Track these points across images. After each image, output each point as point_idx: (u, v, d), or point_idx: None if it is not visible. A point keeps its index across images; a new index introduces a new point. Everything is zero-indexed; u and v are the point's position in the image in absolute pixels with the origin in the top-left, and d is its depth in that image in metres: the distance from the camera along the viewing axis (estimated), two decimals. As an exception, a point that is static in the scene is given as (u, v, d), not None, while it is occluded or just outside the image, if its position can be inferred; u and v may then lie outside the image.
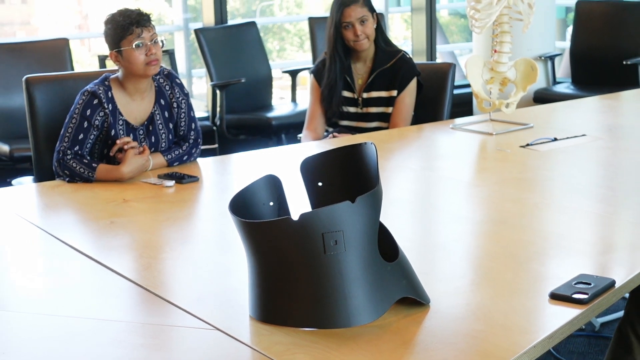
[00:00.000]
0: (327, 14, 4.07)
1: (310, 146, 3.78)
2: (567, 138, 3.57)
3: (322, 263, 1.84)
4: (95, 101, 3.23)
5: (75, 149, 3.20)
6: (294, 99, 6.37)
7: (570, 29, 6.86)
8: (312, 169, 2.11)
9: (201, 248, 2.61)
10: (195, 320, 1.97)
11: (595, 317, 3.51)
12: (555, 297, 2.01)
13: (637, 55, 6.25)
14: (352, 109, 4.08)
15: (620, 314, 2.63)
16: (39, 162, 3.49)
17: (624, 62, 6.19)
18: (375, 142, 2.19)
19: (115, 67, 3.33)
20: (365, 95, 4.05)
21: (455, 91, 4.29)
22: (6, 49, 5.69)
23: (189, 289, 2.21)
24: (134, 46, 3.18)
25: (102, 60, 5.84)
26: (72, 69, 5.58)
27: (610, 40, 6.47)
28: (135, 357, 1.87)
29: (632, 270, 2.19)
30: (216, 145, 5.85)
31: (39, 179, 3.44)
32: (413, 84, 4.01)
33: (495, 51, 3.80)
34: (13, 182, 4.26)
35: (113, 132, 3.24)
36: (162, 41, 3.27)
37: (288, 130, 5.77)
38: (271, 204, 2.06)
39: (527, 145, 3.49)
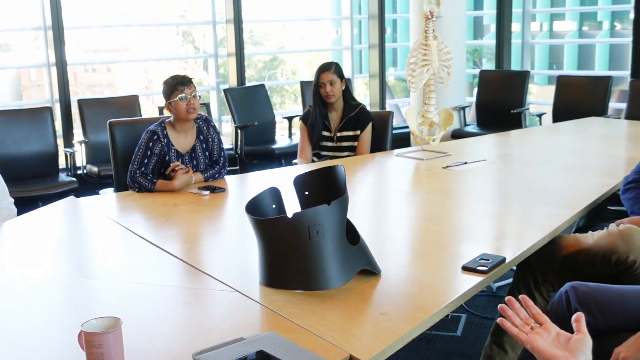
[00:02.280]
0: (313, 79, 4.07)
1: (301, 168, 3.78)
2: (474, 162, 3.58)
3: (308, 246, 1.84)
4: (155, 137, 3.23)
5: (142, 169, 3.20)
6: (290, 136, 6.38)
7: (475, 89, 6.88)
8: (302, 183, 2.12)
9: (227, 236, 2.61)
10: (222, 285, 1.97)
11: (493, 282, 3.52)
12: (465, 269, 2.01)
13: (520, 106, 6.30)
14: (329, 144, 4.09)
15: (510, 280, 2.64)
16: (117, 179, 3.48)
17: (512, 111, 6.24)
18: (345, 165, 2.19)
19: (169, 114, 3.33)
20: (338, 134, 4.06)
21: (398, 131, 4.31)
22: (96, 102, 5.69)
23: (218, 264, 2.21)
24: (178, 98, 3.20)
25: (160, 109, 5.84)
26: (140, 116, 5.57)
27: (502, 96, 6.51)
28: (181, 311, 1.87)
29: (517, 251, 2.20)
30: (238, 167, 5.84)
31: (117, 189, 3.43)
32: (370, 126, 4.02)
33: (425, 104, 3.82)
34: (100, 192, 4.26)
35: (168, 157, 3.24)
36: (199, 96, 3.27)
37: (286, 157, 5.78)
38: (274, 206, 2.07)
39: (447, 166, 3.50)
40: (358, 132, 4.02)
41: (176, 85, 3.22)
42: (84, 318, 1.51)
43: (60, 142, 5.48)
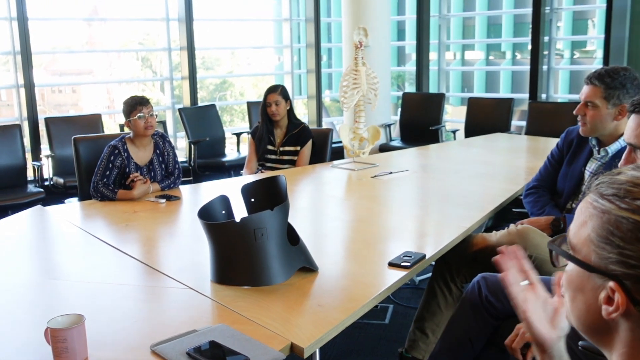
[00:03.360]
0: (259, 99, 4.06)
1: (247, 178, 3.76)
2: (398, 172, 3.62)
3: (254, 247, 1.83)
4: (116, 151, 3.17)
5: (104, 180, 3.13)
6: (238, 150, 6.33)
7: (399, 109, 6.97)
8: (248, 191, 2.11)
9: (181, 239, 2.57)
10: (177, 283, 1.94)
11: (415, 276, 3.56)
12: (391, 264, 2.03)
13: (438, 124, 6.38)
14: (273, 156, 4.07)
15: (430, 274, 2.67)
16: (81, 189, 3.41)
17: (430, 128, 6.32)
18: (288, 175, 2.19)
19: (129, 131, 3.27)
20: (281, 148, 4.05)
21: (334, 145, 4.32)
22: (62, 120, 5.52)
23: (174, 264, 2.16)
24: (137, 117, 3.14)
25: (121, 126, 5.72)
26: (103, 132, 5.44)
27: (422, 115, 6.57)
28: (140, 307, 1.83)
29: (436, 248, 2.23)
30: (191, 178, 5.75)
31: (81, 199, 3.35)
32: (310, 143, 4.03)
33: (356, 121, 3.85)
34: (65, 201, 4.13)
35: (128, 169, 3.18)
36: (156, 115, 3.23)
37: (235, 168, 5.74)
38: (223, 212, 2.05)
39: (375, 176, 3.53)
40: (298, 148, 4.02)
41: (135, 105, 3.17)
42: (50, 315, 1.47)
43: (28, 156, 5.34)
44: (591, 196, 0.83)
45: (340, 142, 4.93)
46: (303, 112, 7.72)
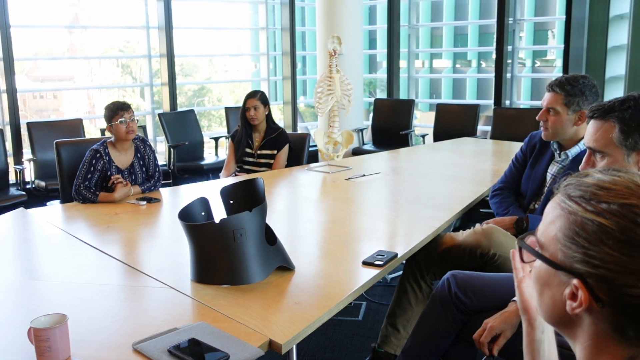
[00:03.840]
0: (237, 105, 4.06)
1: (226, 180, 3.74)
2: (371, 174, 3.64)
3: (233, 247, 1.82)
4: (98, 155, 3.14)
5: (85, 183, 3.09)
6: (216, 154, 6.29)
7: (371, 114, 7.00)
8: (227, 193, 2.09)
9: (162, 240, 2.54)
10: (157, 283, 1.92)
11: (387, 274, 3.57)
12: (365, 263, 2.03)
13: (408, 128, 6.42)
14: (251, 159, 4.07)
15: (401, 272, 2.68)
16: (63, 192, 3.36)
17: (401, 133, 6.36)
18: (265, 177, 2.18)
19: (110, 135, 3.23)
20: (259, 152, 4.04)
21: (310, 149, 4.32)
22: (44, 125, 5.43)
23: (154, 264, 2.14)
24: (119, 122, 3.11)
25: (102, 131, 5.64)
26: (84, 137, 5.37)
27: (393, 120, 6.60)
28: (121, 306, 1.80)
29: (407, 247, 2.24)
30: (171, 181, 5.71)
31: (63, 201, 3.30)
32: (286, 147, 4.03)
33: (330, 126, 3.85)
34: (47, 203, 4.05)
35: (109, 172, 3.14)
36: (137, 119, 3.20)
37: (213, 171, 5.70)
38: (203, 213, 2.03)
39: (349, 178, 3.53)
40: (275, 152, 4.02)
41: (117, 110, 3.14)
42: (33, 316, 1.45)
43: (10, 160, 5.24)
44: (559, 197, 0.84)
45: (312, 146, 4.94)
46: (279, 117, 7.70)
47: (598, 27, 5.05)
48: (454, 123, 6.13)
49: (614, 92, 5.02)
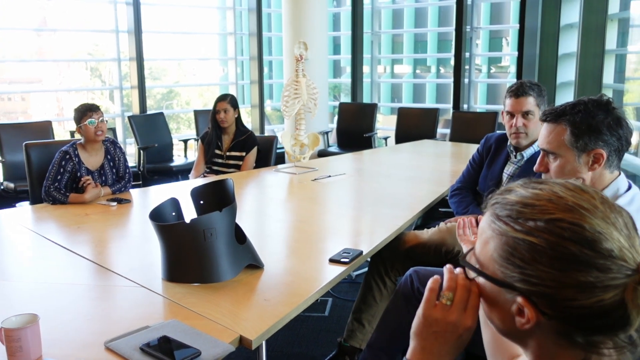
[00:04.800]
0: (205, 108, 4.03)
1: (195, 181, 3.70)
2: (336, 175, 3.65)
3: (203, 246, 1.81)
4: (68, 156, 3.07)
5: (55, 184, 3.02)
6: (185, 155, 6.22)
7: (336, 117, 7.01)
8: (197, 194, 2.07)
9: (132, 240, 2.50)
10: (129, 282, 1.89)
11: (353, 271, 3.58)
12: (332, 260, 2.04)
13: (371, 131, 6.45)
14: (220, 160, 4.04)
15: (366, 269, 2.70)
16: (32, 193, 3.28)
17: (364, 135, 6.39)
18: (235, 178, 2.17)
19: (80, 137, 3.17)
20: (228, 153, 4.02)
21: (278, 151, 4.32)
22: (13, 126, 5.29)
23: (125, 263, 2.11)
24: (88, 123, 3.05)
25: (72, 133, 5.53)
26: (53, 138, 5.25)
27: (356, 123, 6.63)
28: (93, 305, 1.77)
29: (372, 245, 2.26)
30: (141, 182, 5.62)
31: (33, 202, 3.21)
32: (255, 149, 4.01)
33: (297, 129, 3.85)
34: (16, 205, 3.95)
35: (79, 173, 3.08)
36: (106, 121, 3.14)
37: (182, 173, 5.65)
38: (173, 214, 2.01)
39: (315, 179, 3.54)
40: (244, 154, 4.00)
41: (86, 111, 3.08)
42: (4, 316, 1.41)
43: (-22, 161, 5.08)
44: (489, 216, 0.82)
45: (279, 148, 4.94)
46: (246, 120, 7.66)
47: (550, 35, 5.17)
48: (414, 126, 6.18)
49: (565, 96, 5.14)
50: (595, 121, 1.64)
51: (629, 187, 1.68)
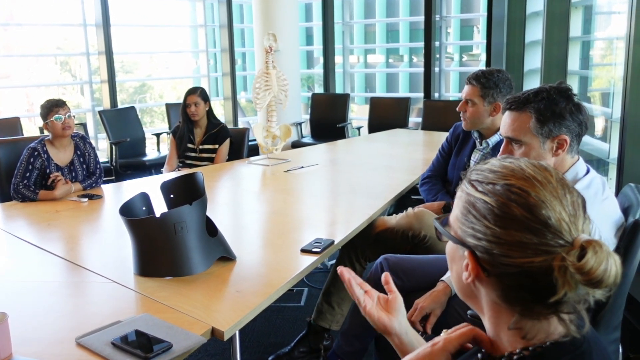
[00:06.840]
0: (178, 101, 4.00)
1: (168, 175, 3.68)
2: (309, 166, 3.66)
3: (174, 239, 1.81)
4: (36, 153, 3.03)
5: (24, 182, 2.98)
6: (158, 149, 6.17)
7: (309, 108, 7.01)
8: (167, 188, 2.07)
9: (104, 236, 2.49)
10: (100, 277, 1.89)
11: (327, 260, 3.61)
12: (304, 250, 2.06)
13: (344, 121, 6.47)
14: (193, 154, 4.02)
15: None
16: (1, 191, 3.22)
17: (338, 125, 6.41)
18: (207, 171, 2.16)
19: (47, 133, 3.12)
20: (200, 146, 4.00)
21: (250, 143, 4.31)
22: (-21, 124, 5.21)
23: (97, 259, 2.10)
24: (55, 118, 3.01)
25: (41, 129, 5.44)
26: (22, 135, 5.17)
27: (330, 114, 6.65)
28: (64, 301, 1.76)
29: (344, 234, 2.28)
30: (114, 177, 5.56)
31: (1, 200, 3.16)
32: (227, 142, 4.00)
33: (268, 120, 3.85)
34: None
35: (48, 170, 3.04)
36: (74, 116, 3.10)
37: (156, 167, 5.59)
38: (144, 208, 2.00)
39: (288, 170, 3.55)
40: (217, 146, 3.99)
41: (52, 107, 3.04)
42: (-28, 315, 1.39)
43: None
44: (464, 182, 0.91)
45: (252, 140, 4.92)
46: (220, 112, 7.61)
47: (516, 23, 5.22)
48: (387, 115, 6.21)
49: (532, 83, 5.20)
50: (559, 108, 1.67)
51: (587, 171, 1.72)
